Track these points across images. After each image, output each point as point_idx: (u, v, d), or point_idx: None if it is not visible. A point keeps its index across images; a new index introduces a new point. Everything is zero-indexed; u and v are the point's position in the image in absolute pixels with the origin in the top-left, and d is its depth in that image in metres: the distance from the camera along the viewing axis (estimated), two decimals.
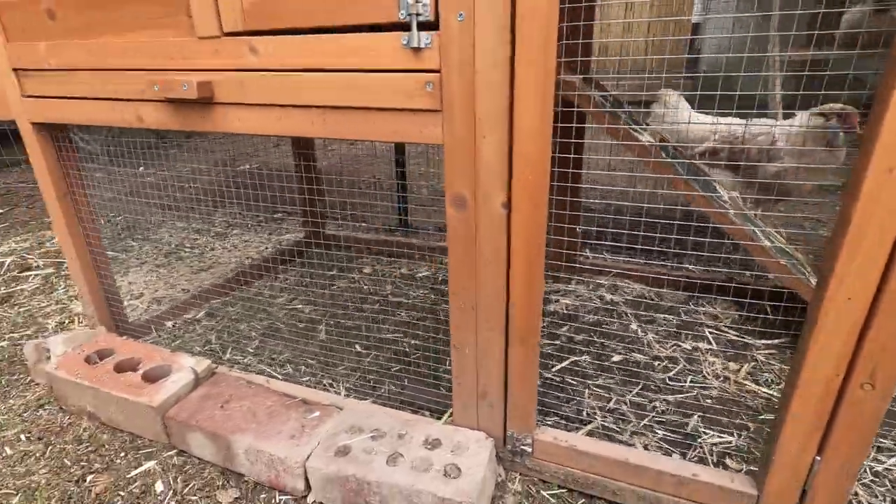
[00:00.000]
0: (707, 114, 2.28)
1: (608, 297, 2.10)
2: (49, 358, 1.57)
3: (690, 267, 2.30)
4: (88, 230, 1.60)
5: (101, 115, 1.28)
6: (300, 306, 2.08)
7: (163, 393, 1.34)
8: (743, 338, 1.80)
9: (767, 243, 1.52)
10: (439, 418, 1.32)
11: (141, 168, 3.78)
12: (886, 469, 1.23)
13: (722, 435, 1.34)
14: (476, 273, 1.04)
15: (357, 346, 1.78)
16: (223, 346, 1.80)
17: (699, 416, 1.41)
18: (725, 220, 1.53)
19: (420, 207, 3.07)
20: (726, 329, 1.86)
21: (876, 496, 1.16)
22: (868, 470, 1.22)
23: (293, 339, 1.80)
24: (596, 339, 1.80)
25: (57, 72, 1.29)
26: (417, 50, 0.90)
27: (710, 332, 1.83)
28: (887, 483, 1.19)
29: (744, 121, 2.13)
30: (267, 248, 2.74)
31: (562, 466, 1.16)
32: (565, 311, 1.99)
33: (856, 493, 1.16)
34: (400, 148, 2.78)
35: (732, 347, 1.75)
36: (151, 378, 1.41)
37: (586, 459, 1.12)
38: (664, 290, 2.12)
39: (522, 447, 1.17)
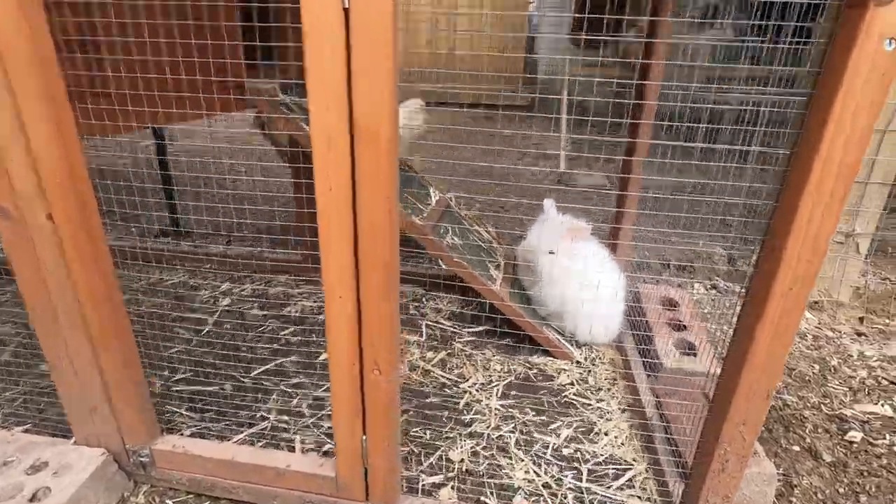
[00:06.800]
0: None
1: None
2: None
3: (427, 264, 2.44)
4: None
5: None
6: None
7: None
8: (454, 327, 1.97)
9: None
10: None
11: None
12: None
13: None
14: (44, 281, 0.99)
15: (43, 366, 1.63)
16: None
17: None
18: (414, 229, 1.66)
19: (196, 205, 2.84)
20: (444, 321, 2.03)
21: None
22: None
23: None
24: (315, 339, 1.85)
25: None
26: None
27: (428, 325, 1.98)
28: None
29: None
30: None
31: (185, 472, 1.17)
32: (299, 315, 2.02)
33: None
34: (159, 134, 2.55)
35: (442, 337, 1.91)
36: None
37: (201, 463, 1.14)
38: (405, 288, 2.25)
39: (141, 459, 1.16)
